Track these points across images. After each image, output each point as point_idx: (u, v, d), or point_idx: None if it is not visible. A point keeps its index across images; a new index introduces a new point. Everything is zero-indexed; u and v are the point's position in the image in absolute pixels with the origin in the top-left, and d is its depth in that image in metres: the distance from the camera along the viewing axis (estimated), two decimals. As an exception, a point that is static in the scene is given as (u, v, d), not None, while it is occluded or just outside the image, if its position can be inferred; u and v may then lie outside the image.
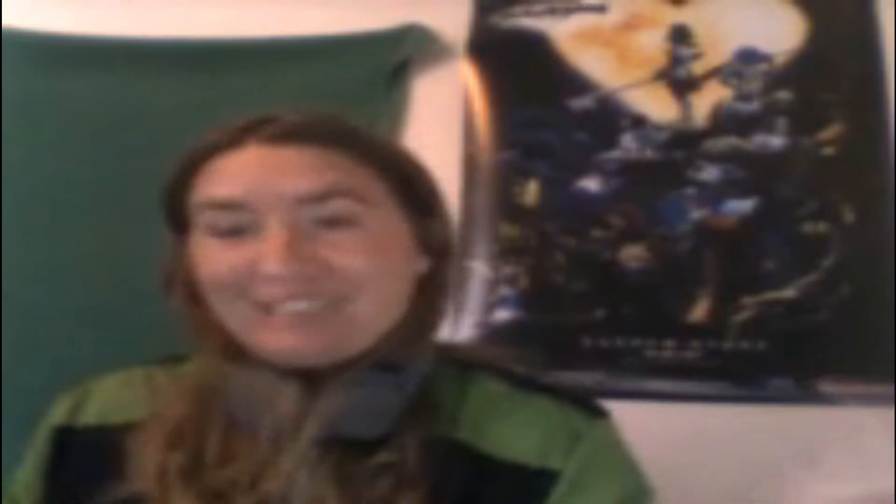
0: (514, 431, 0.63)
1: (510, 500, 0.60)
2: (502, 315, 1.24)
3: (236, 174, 0.59)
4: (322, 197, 0.58)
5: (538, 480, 0.61)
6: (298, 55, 1.36)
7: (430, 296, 0.66)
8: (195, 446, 0.60)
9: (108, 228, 1.29)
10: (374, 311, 0.60)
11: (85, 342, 1.18)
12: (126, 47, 1.39)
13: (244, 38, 1.38)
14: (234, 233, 0.59)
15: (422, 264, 0.66)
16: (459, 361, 0.68)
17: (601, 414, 0.66)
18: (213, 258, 0.59)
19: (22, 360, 1.22)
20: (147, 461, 0.60)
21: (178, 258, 0.64)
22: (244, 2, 1.39)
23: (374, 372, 0.60)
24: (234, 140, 0.60)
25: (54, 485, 0.66)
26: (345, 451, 0.59)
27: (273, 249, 0.56)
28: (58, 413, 0.69)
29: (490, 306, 1.25)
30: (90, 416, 0.68)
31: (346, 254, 0.58)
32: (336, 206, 0.58)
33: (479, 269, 1.26)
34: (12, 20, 1.40)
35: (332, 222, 0.59)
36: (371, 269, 0.59)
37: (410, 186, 0.64)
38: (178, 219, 0.64)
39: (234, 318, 0.60)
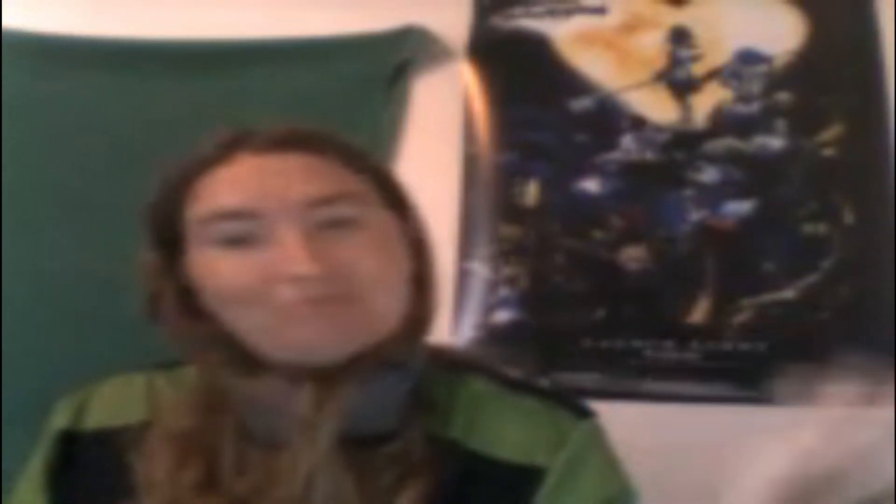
0: (503, 430, 0.65)
1: (499, 497, 0.62)
2: (502, 316, 1.24)
3: (238, 184, 0.60)
4: (330, 200, 0.60)
5: (526, 477, 0.63)
6: (298, 57, 1.36)
7: (422, 294, 0.66)
8: (207, 460, 0.61)
9: (107, 229, 1.28)
10: (386, 308, 0.62)
11: (85, 345, 1.18)
12: (126, 48, 1.39)
13: (244, 40, 1.38)
14: (241, 242, 0.59)
15: (410, 263, 0.66)
16: (449, 363, 0.70)
17: (587, 414, 0.68)
18: (222, 269, 0.60)
19: (22, 363, 1.22)
20: (157, 479, 0.60)
21: (165, 277, 0.64)
22: (244, 3, 1.39)
23: (380, 370, 0.61)
24: (222, 154, 0.61)
25: (61, 490, 0.66)
26: (354, 446, 0.60)
27: (296, 252, 0.57)
28: (61, 418, 0.68)
29: (490, 307, 1.25)
30: (94, 419, 0.68)
31: (357, 254, 0.60)
32: (342, 209, 0.60)
33: (479, 270, 1.26)
34: (12, 20, 1.40)
35: (337, 224, 0.60)
36: (380, 268, 0.61)
37: (388, 186, 0.66)
38: (168, 237, 0.63)
39: (252, 324, 0.60)
